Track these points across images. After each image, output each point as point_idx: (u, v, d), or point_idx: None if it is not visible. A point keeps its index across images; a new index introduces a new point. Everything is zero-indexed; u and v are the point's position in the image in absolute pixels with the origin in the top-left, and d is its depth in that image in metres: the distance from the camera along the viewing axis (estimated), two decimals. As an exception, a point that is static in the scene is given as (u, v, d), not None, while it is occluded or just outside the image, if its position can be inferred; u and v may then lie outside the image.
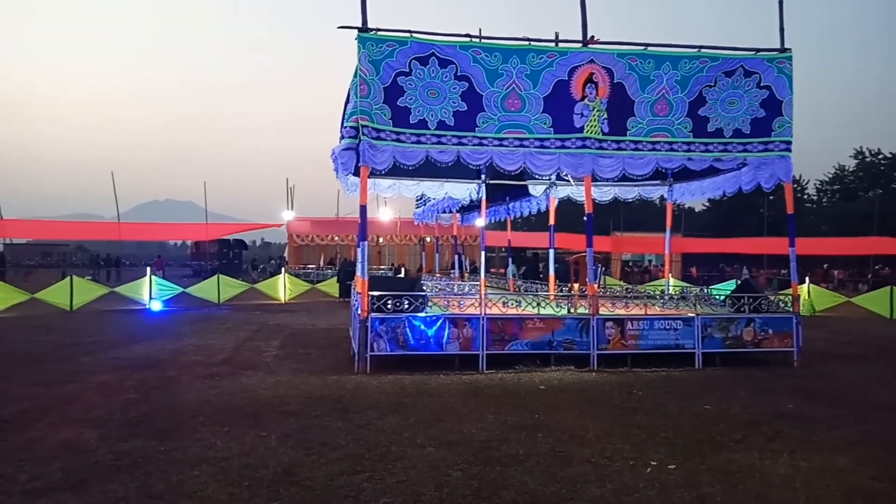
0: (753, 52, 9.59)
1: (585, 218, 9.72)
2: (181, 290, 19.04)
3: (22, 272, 35.60)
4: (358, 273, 11.44)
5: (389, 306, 8.73)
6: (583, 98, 9.14)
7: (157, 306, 17.50)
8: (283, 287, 20.79)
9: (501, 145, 9.04)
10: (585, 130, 9.14)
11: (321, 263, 33.91)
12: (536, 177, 11.54)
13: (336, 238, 35.36)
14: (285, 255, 37.12)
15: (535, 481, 4.49)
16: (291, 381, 7.93)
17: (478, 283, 15.67)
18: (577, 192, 13.54)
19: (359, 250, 10.65)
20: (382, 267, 30.02)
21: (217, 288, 19.40)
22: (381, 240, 32.93)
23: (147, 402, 6.75)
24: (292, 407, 6.60)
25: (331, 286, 22.46)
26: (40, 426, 5.79)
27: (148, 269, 19.28)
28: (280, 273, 21.98)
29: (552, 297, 10.41)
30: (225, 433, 5.60)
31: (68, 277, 17.66)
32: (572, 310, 9.51)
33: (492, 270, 21.88)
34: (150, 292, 17.81)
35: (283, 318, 15.55)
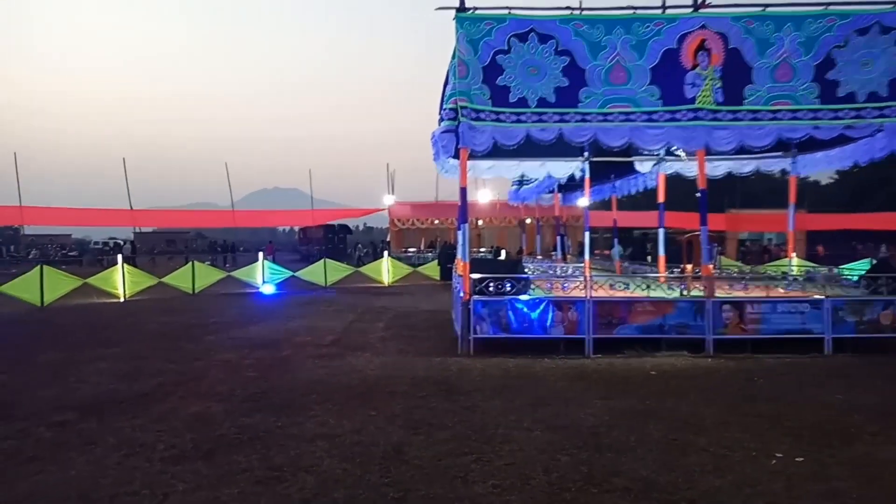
0: (892, 6, 8.60)
1: (698, 194, 9.20)
2: (291, 273, 20.00)
3: (167, 258, 38.67)
4: (458, 256, 11.49)
5: (491, 289, 8.70)
6: (694, 67, 8.60)
7: (269, 289, 18.50)
8: (386, 270, 21.32)
9: (606, 120, 8.70)
10: (697, 101, 8.60)
11: (421, 247, 34.51)
12: (644, 152, 11.04)
13: (436, 221, 35.81)
14: (387, 238, 38.06)
15: (648, 469, 4.31)
16: (397, 362, 8.11)
17: (581, 265, 15.33)
18: (686, 167, 12.85)
19: (459, 233, 10.69)
20: (482, 249, 30.09)
21: (324, 271, 20.19)
22: (479, 222, 32.97)
23: (265, 380, 7.13)
24: (399, 387, 6.74)
25: (431, 269, 22.75)
26: (174, 399, 6.27)
27: (260, 254, 20.40)
28: (383, 257, 22.56)
29: (662, 279, 9.96)
30: (336, 411, 5.81)
31: (191, 263, 19.05)
32: (685, 292, 9.06)
33: (595, 252, 21.30)
34: (263, 276, 18.86)
35: (386, 301, 15.95)
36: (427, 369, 7.65)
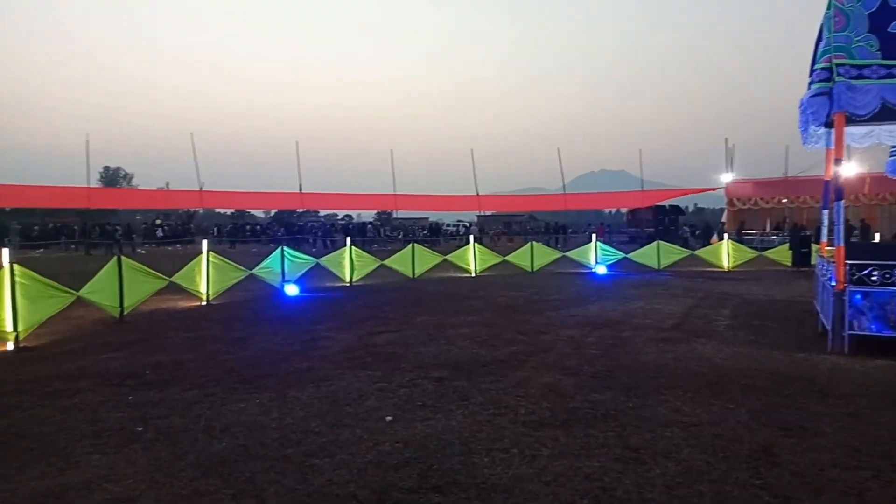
0: None
1: None
2: (623, 255, 19.90)
3: (495, 239, 42.38)
4: (823, 238, 10.04)
5: (875, 278, 7.31)
6: None
7: (601, 270, 18.72)
8: (725, 254, 19.72)
9: None
10: None
11: (767, 228, 31.00)
12: None
13: (783, 200, 31.75)
14: (723, 220, 35.19)
15: None
16: (751, 354, 7.42)
17: None
18: None
19: (824, 212, 9.32)
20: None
21: (657, 254, 19.62)
22: (841, 200, 28.13)
23: (608, 359, 7.22)
24: (757, 381, 6.15)
25: (780, 254, 20.29)
26: (527, 368, 6.79)
27: (593, 235, 20.75)
28: (722, 239, 20.91)
29: None
30: (689, 399, 5.57)
31: (530, 243, 20.37)
32: None
33: None
34: (596, 257, 19.16)
35: (728, 287, 14.74)
36: (789, 365, 6.83)
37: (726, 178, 32.51)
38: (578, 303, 12.13)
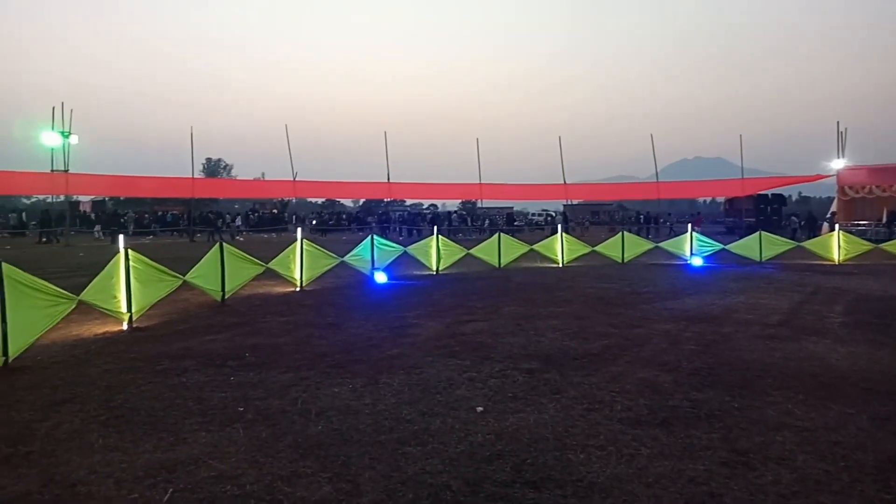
0: None
1: None
2: (721, 246, 18.90)
3: (581, 229, 41.44)
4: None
5: None
6: None
7: (697, 262, 17.87)
8: (836, 246, 18.32)
9: None
10: None
11: (883, 218, 28.62)
12: None
13: (903, 188, 29.18)
14: (833, 209, 32.82)
15: None
16: (871, 355, 6.82)
17: None
18: None
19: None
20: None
21: (759, 245, 18.51)
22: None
23: (708, 355, 6.84)
24: (879, 385, 5.64)
25: (898, 246, 18.65)
26: (621, 363, 6.53)
27: (689, 225, 19.85)
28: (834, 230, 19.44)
29: None
30: (801, 401, 5.18)
31: (620, 233, 19.72)
32: None
33: None
34: (692, 248, 18.30)
35: (840, 281, 13.68)
36: (917, 369, 6.22)
37: (837, 164, 30.29)
38: (674, 295, 11.61)
